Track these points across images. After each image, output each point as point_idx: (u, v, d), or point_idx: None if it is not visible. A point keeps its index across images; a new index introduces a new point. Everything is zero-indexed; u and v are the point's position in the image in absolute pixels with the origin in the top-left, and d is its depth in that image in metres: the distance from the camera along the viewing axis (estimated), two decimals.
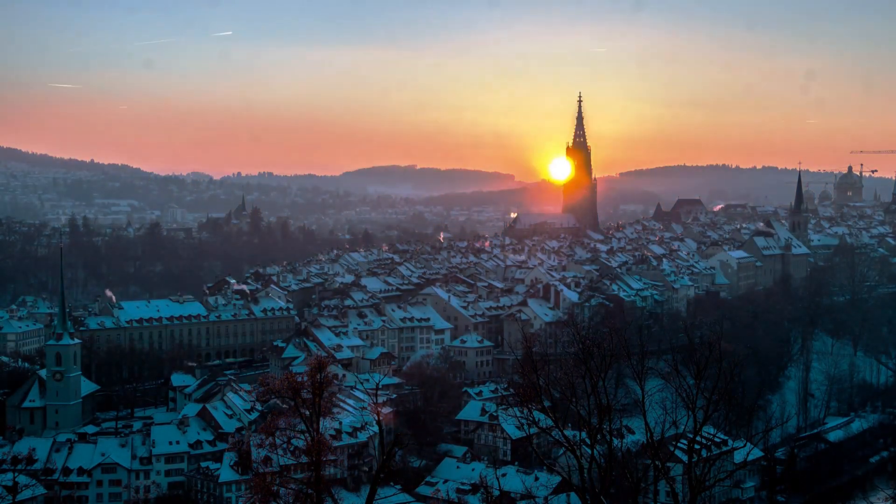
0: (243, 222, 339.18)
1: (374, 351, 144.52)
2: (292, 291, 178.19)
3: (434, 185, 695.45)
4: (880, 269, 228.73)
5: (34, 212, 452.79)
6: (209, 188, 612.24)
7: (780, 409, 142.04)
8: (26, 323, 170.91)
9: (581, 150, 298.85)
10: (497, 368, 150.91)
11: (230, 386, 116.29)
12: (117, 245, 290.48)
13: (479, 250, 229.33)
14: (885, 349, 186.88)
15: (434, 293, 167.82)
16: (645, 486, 43.10)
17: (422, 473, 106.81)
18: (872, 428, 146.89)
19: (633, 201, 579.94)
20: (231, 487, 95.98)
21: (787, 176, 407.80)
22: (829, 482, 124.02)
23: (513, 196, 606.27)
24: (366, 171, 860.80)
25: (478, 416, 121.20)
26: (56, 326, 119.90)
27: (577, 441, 40.73)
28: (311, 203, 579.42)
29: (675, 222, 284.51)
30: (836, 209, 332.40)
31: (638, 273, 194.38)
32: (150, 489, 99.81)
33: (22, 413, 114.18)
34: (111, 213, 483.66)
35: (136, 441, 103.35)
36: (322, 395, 49.69)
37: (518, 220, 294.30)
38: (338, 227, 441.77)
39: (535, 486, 77.53)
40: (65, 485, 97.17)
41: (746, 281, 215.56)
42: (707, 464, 42.49)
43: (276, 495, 47.40)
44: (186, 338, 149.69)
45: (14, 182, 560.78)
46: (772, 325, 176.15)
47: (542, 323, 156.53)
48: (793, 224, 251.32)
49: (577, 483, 40.06)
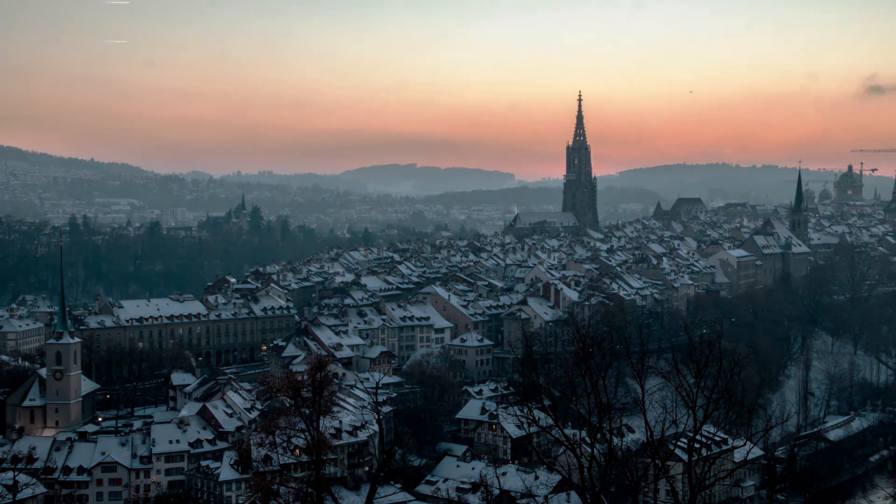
0: (243, 221, 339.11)
1: (374, 350, 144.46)
2: (292, 290, 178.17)
3: (434, 185, 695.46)
4: (880, 267, 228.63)
5: (34, 211, 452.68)
6: (209, 187, 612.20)
7: (780, 407, 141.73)
8: (26, 322, 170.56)
9: (581, 149, 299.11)
10: (497, 367, 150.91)
11: (230, 385, 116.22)
12: (117, 244, 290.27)
13: (480, 249, 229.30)
14: (885, 348, 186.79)
15: (434, 292, 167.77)
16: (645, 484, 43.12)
17: (422, 472, 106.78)
18: (872, 427, 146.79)
19: (633, 200, 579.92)
20: (231, 486, 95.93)
21: (788, 174, 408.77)
22: (829, 481, 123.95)
23: (513, 195, 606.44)
24: (366, 170, 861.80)
25: (478, 414, 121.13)
26: (56, 325, 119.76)
27: (578, 440, 40.74)
28: (311, 202, 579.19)
29: (675, 221, 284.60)
30: (836, 208, 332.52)
31: (638, 272, 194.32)
32: (151, 488, 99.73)
33: (22, 412, 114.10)
34: (111, 212, 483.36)
35: (136, 440, 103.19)
36: (322, 393, 49.82)
37: (518, 219, 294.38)
38: (338, 225, 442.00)
39: (535, 485, 77.44)
40: (65, 484, 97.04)
41: (746, 280, 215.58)
42: (707, 463, 42.48)
43: (277, 494, 47.46)
44: (186, 337, 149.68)
45: (14, 181, 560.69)
46: (772, 323, 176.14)
47: (543, 322, 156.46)
48: (793, 223, 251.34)
49: (578, 482, 40.06)
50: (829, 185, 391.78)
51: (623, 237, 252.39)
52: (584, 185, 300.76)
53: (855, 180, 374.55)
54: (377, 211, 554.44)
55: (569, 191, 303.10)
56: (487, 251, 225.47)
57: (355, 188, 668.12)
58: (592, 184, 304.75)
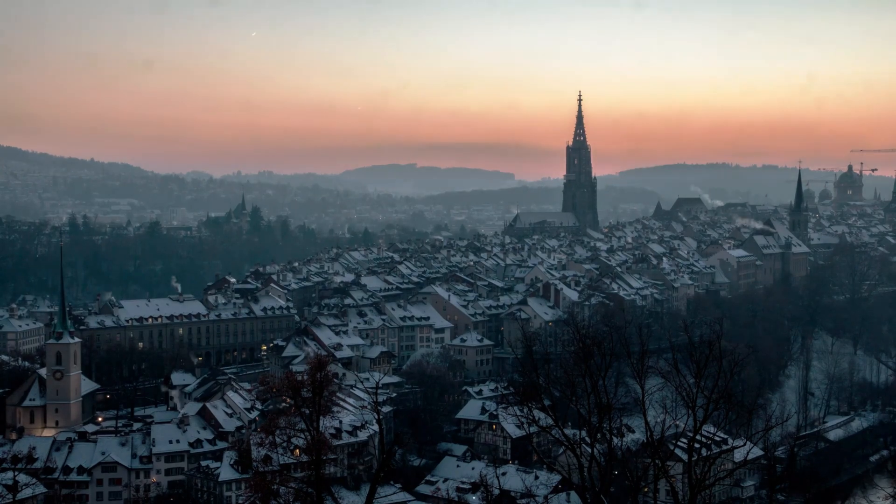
0: (243, 221, 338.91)
1: (374, 350, 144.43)
2: (292, 290, 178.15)
3: (434, 185, 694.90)
4: (880, 267, 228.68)
5: (34, 210, 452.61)
6: (209, 187, 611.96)
7: (780, 407, 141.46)
8: (26, 322, 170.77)
9: (581, 150, 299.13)
10: (497, 367, 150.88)
11: (230, 385, 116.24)
12: (117, 244, 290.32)
13: (479, 249, 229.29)
14: (884, 348, 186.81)
15: (434, 292, 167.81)
16: (645, 484, 43.14)
17: (422, 472, 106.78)
18: (872, 427, 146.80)
19: (633, 200, 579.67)
20: (231, 486, 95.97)
21: (788, 174, 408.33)
22: (829, 481, 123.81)
23: (513, 195, 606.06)
24: (366, 170, 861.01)
25: (478, 414, 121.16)
26: (56, 325, 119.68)
27: (578, 440, 40.76)
28: (311, 202, 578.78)
29: (675, 221, 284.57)
30: (836, 208, 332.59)
31: (638, 272, 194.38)
32: (151, 488, 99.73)
33: (22, 412, 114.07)
34: (111, 211, 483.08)
35: (136, 440, 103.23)
36: (322, 393, 49.83)
37: (518, 219, 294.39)
38: (338, 225, 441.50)
39: (535, 485, 77.38)
40: (65, 483, 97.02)
41: (746, 280, 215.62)
42: (707, 463, 42.49)
43: (277, 494, 47.46)
44: (186, 337, 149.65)
45: (14, 181, 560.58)
46: (772, 323, 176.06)
47: (542, 322, 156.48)
48: (793, 223, 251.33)
49: (578, 482, 40.09)
50: (829, 185, 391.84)
51: (623, 237, 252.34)
52: (584, 185, 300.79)
53: (855, 180, 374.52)
54: (377, 211, 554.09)
55: (569, 191, 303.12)
56: (487, 251, 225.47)
57: (355, 188, 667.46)
58: (592, 184, 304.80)
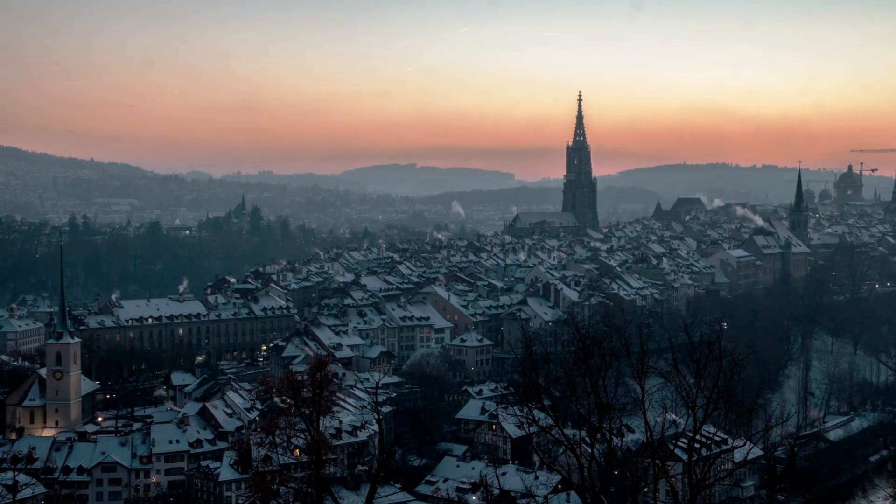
0: (243, 221, 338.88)
1: (373, 350, 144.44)
2: (292, 290, 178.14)
3: (434, 185, 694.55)
4: (880, 267, 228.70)
5: (34, 210, 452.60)
6: (209, 187, 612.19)
7: (779, 407, 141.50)
8: (26, 322, 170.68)
9: (581, 150, 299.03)
10: (497, 367, 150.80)
11: (230, 385, 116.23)
12: (117, 244, 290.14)
13: (479, 249, 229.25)
14: (884, 348, 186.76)
15: (434, 292, 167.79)
16: (645, 484, 43.14)
17: (422, 472, 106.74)
18: (872, 427, 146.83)
19: (633, 200, 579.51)
20: (231, 486, 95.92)
21: (788, 174, 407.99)
22: (829, 481, 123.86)
23: (513, 195, 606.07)
24: (366, 170, 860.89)
25: (478, 414, 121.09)
26: (56, 325, 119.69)
27: (578, 440, 40.75)
28: (311, 202, 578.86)
29: (675, 221, 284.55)
30: (836, 208, 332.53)
31: (638, 272, 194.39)
32: (150, 488, 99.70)
33: (22, 412, 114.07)
34: (111, 212, 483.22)
35: (136, 440, 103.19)
36: (322, 393, 49.79)
37: (518, 219, 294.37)
38: (338, 225, 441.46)
39: (535, 485, 77.39)
40: (65, 484, 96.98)
41: (746, 280, 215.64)
42: (707, 463, 42.48)
43: (277, 494, 47.43)
44: (186, 337, 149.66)
45: (14, 181, 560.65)
46: (771, 323, 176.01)
47: (542, 322, 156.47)
48: (793, 223, 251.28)
49: (578, 482, 40.08)
50: (829, 185, 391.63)
51: (623, 237, 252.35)
52: (584, 185, 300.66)
53: (855, 180, 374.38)
54: (377, 211, 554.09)
55: (569, 191, 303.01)
56: (487, 251, 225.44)
57: (355, 188, 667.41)
58: (592, 184, 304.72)
